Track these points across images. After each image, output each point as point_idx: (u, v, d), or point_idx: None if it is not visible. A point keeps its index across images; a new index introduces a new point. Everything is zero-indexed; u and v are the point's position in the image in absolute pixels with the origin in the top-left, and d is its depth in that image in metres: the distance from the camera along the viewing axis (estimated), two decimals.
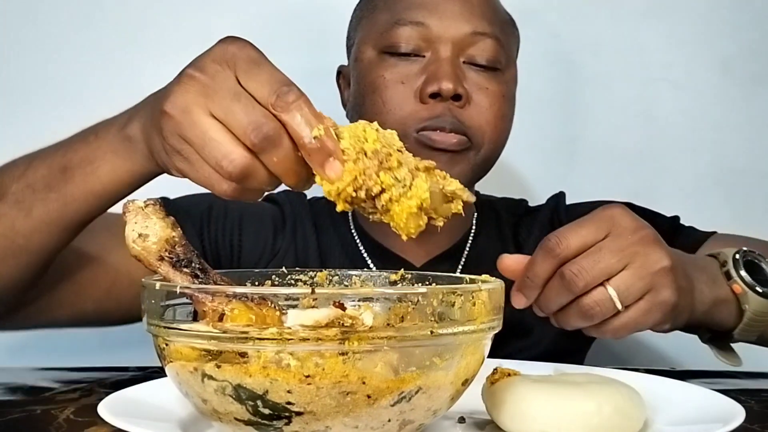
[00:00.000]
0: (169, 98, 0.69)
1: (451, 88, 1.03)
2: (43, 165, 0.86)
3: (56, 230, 0.86)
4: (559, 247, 0.76)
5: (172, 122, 0.68)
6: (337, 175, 0.63)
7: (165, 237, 0.64)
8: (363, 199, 0.64)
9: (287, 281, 0.77)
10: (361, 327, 0.56)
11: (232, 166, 0.64)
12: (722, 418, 0.65)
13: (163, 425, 0.65)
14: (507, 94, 1.09)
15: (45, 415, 0.76)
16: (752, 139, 1.54)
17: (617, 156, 1.55)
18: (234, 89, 0.66)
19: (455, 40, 1.05)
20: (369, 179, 0.63)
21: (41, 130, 1.45)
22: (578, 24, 1.54)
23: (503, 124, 1.09)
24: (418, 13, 1.06)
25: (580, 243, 0.77)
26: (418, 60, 1.06)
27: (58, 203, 0.85)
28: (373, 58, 1.08)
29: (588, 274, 0.76)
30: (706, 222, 1.19)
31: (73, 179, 0.84)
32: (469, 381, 0.64)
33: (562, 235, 0.77)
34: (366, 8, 1.13)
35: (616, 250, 0.76)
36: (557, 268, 0.77)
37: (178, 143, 0.68)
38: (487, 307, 0.62)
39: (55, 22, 1.47)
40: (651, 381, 0.77)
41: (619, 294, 0.76)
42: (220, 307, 0.59)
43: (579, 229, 0.77)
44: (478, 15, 1.07)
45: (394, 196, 0.64)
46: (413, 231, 0.65)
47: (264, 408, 0.58)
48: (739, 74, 1.54)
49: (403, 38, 1.06)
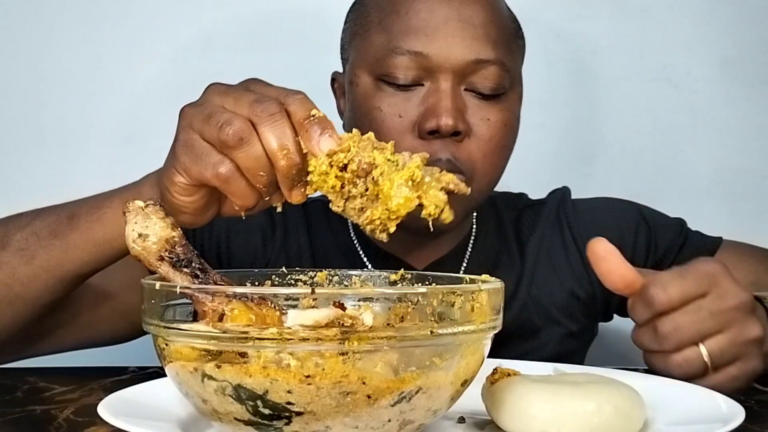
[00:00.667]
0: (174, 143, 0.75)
1: (451, 125, 0.97)
2: (52, 214, 0.89)
3: (53, 279, 0.88)
4: (660, 302, 0.77)
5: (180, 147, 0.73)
6: (332, 147, 0.66)
7: (165, 237, 0.65)
8: (353, 178, 0.65)
9: (287, 281, 0.76)
10: (361, 327, 0.56)
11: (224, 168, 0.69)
12: (722, 418, 0.65)
13: (163, 425, 0.65)
14: (509, 121, 1.03)
15: (45, 414, 0.76)
16: (752, 139, 1.55)
17: (617, 155, 1.55)
18: (220, 106, 0.72)
19: (456, 69, 0.99)
20: (363, 150, 0.65)
21: (41, 130, 1.47)
22: (578, 24, 1.54)
23: (501, 156, 1.04)
24: (417, 41, 0.99)
25: (681, 299, 0.77)
26: (417, 89, 1.00)
27: (60, 250, 0.86)
28: (369, 86, 1.02)
29: (683, 334, 0.77)
30: (706, 222, 1.20)
31: (78, 227, 0.86)
32: (469, 381, 0.64)
33: (665, 287, 0.77)
34: (359, 24, 1.06)
35: (716, 312, 0.77)
36: (654, 317, 0.78)
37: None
38: (487, 307, 0.62)
39: (54, 21, 1.47)
40: (651, 381, 0.77)
41: (711, 356, 0.77)
42: (220, 307, 0.59)
43: (682, 282, 0.77)
44: (481, 39, 1.00)
45: (385, 172, 0.65)
46: (401, 205, 0.65)
47: (264, 408, 0.58)
48: (739, 74, 1.54)
49: (400, 69, 0.99)
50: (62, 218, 0.87)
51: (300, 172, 0.68)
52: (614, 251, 0.80)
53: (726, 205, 1.54)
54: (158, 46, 1.48)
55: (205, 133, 0.71)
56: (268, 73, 1.47)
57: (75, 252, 0.86)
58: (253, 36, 1.50)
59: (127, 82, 1.47)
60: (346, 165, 0.66)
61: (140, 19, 1.48)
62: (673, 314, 0.77)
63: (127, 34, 1.48)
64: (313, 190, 0.68)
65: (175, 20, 1.49)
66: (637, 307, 0.80)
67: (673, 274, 0.79)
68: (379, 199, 0.65)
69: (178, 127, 0.75)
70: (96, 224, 0.85)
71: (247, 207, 0.72)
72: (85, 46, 1.47)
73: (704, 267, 0.79)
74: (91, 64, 1.47)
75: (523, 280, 1.13)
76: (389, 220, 0.66)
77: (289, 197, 0.70)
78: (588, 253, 0.81)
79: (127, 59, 1.48)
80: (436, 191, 0.66)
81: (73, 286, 0.90)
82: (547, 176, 1.42)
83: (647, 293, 0.78)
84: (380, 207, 0.65)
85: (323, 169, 0.66)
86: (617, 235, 1.13)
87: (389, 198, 0.65)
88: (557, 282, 1.14)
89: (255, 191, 0.71)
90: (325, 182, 0.66)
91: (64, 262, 0.86)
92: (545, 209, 1.18)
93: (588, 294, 1.14)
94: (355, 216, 0.67)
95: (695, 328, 0.77)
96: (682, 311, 0.77)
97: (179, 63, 1.47)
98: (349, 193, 0.66)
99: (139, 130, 1.46)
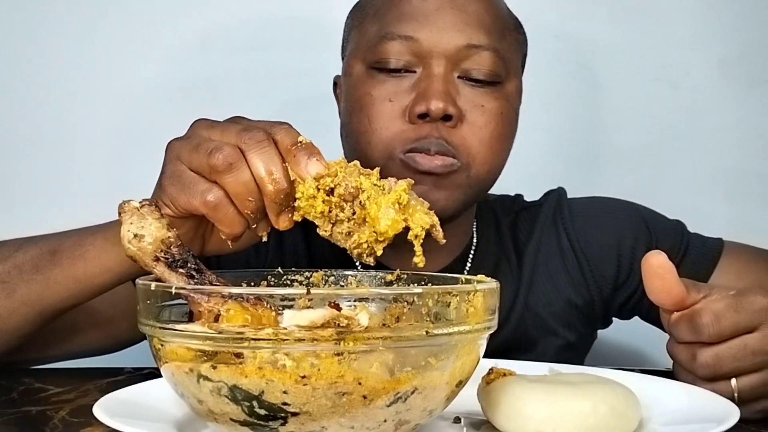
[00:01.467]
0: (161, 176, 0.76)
1: (441, 107, 0.96)
2: (35, 247, 0.88)
3: (32, 313, 0.88)
4: (710, 334, 0.75)
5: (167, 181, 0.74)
6: (319, 171, 0.67)
7: (161, 237, 0.65)
8: (340, 202, 0.66)
9: (283, 282, 0.77)
10: (356, 327, 0.56)
11: (212, 195, 0.71)
12: (717, 418, 0.65)
13: (159, 426, 0.65)
14: (505, 110, 1.01)
15: (40, 415, 0.76)
16: (751, 139, 1.55)
17: (615, 156, 1.55)
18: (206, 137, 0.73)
19: (448, 54, 0.98)
20: (349, 176, 0.66)
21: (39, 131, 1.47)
22: (577, 24, 1.54)
23: (499, 144, 1.01)
24: (408, 26, 0.98)
25: (730, 334, 0.75)
26: (409, 76, 0.99)
27: (41, 285, 0.86)
28: (362, 74, 1.01)
29: (721, 368, 0.75)
30: (705, 221, 1.19)
31: (60, 263, 0.86)
32: (464, 381, 0.64)
33: (718, 320, 0.75)
34: (357, 16, 1.07)
35: (759, 352, 0.75)
36: (696, 342, 0.76)
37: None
38: (482, 308, 0.62)
39: (52, 21, 1.47)
40: (646, 381, 0.77)
41: (740, 393, 0.75)
42: (215, 308, 0.59)
43: (736, 318, 0.75)
44: (474, 25, 0.99)
45: (372, 196, 0.66)
46: (389, 227, 0.66)
47: (260, 408, 0.58)
48: (738, 74, 1.54)
49: (392, 53, 0.98)
50: (45, 253, 0.87)
51: (287, 197, 0.69)
52: (671, 269, 0.77)
53: (725, 204, 1.54)
54: (157, 46, 1.48)
55: (194, 162, 0.72)
56: (268, 73, 1.49)
57: (56, 288, 0.86)
58: (253, 36, 1.50)
59: (126, 82, 1.47)
60: (332, 189, 0.67)
61: (139, 19, 1.48)
62: (717, 346, 0.75)
63: (126, 34, 1.48)
64: (300, 216, 0.69)
65: (174, 20, 1.49)
66: (681, 326, 0.77)
67: (728, 305, 0.76)
68: (366, 222, 0.67)
69: (165, 160, 0.76)
70: (78, 261, 0.85)
71: (235, 235, 0.72)
72: (84, 46, 1.47)
73: (760, 303, 0.76)
74: (89, 65, 1.47)
75: (520, 291, 1.11)
76: (376, 243, 0.67)
77: (276, 223, 0.70)
78: (643, 264, 0.77)
79: (126, 60, 1.48)
80: (422, 214, 0.67)
81: (53, 319, 0.90)
82: (545, 176, 1.42)
83: (699, 321, 0.75)
84: (367, 230, 0.66)
85: (311, 192, 0.67)
86: (615, 240, 1.13)
87: (377, 221, 0.66)
88: (554, 291, 1.12)
89: (242, 219, 0.71)
90: (312, 207, 0.68)
91: (45, 297, 0.87)
92: (541, 213, 1.16)
93: (586, 301, 1.13)
94: (342, 240, 0.68)
95: (734, 365, 0.75)
96: (726, 345, 0.75)
97: (178, 63, 1.47)
98: (336, 218, 0.68)
99: (138, 131, 1.46)
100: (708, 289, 0.78)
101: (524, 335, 1.11)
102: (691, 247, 1.13)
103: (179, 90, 1.45)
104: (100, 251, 0.84)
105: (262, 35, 1.50)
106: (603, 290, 1.13)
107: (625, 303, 1.14)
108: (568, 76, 1.55)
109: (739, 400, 0.74)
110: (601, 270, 1.13)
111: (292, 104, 1.48)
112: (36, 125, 1.47)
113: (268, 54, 1.50)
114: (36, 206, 1.45)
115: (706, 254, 1.12)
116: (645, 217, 1.16)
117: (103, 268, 0.84)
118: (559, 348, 1.12)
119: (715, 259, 1.11)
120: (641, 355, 1.47)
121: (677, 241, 1.13)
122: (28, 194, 1.47)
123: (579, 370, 0.82)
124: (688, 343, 0.77)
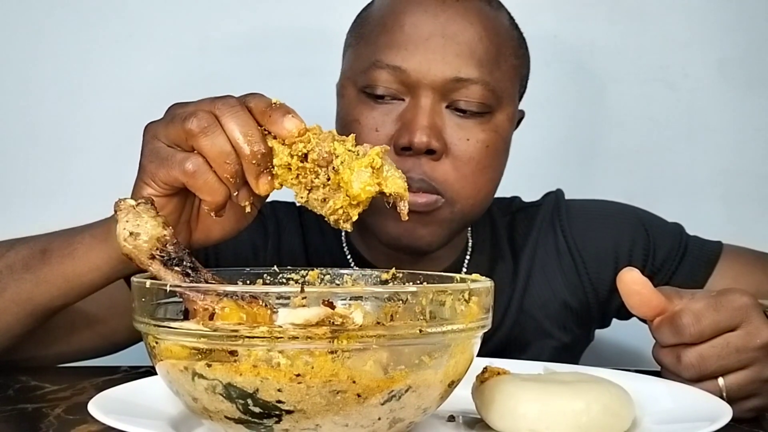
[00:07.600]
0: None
1: (424, 142, 0.94)
2: (26, 246, 0.89)
3: (22, 312, 0.88)
4: (692, 334, 0.75)
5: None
6: (297, 126, 0.68)
7: (156, 235, 0.65)
8: (314, 167, 0.67)
9: (278, 280, 0.77)
10: (351, 326, 0.56)
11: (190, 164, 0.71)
12: (709, 417, 0.65)
13: (154, 423, 0.65)
14: (492, 142, 0.99)
15: (36, 412, 0.76)
16: (749, 141, 1.55)
17: (614, 156, 1.55)
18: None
19: (436, 86, 0.96)
20: (323, 141, 0.68)
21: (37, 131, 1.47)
22: (576, 25, 1.54)
23: (483, 177, 1.00)
24: (397, 55, 0.97)
25: (712, 333, 0.76)
26: (397, 104, 0.98)
27: (31, 284, 0.87)
28: (353, 98, 1.01)
29: (706, 367, 0.76)
30: (703, 223, 1.20)
31: (50, 261, 0.86)
32: (458, 380, 0.64)
33: (698, 319, 0.75)
34: (354, 35, 1.06)
35: (742, 349, 0.75)
36: (680, 344, 0.77)
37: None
38: (476, 306, 0.63)
39: (52, 21, 1.47)
40: (640, 380, 0.77)
41: (728, 391, 0.76)
42: (210, 306, 0.60)
43: (715, 316, 0.75)
44: (464, 56, 0.97)
45: (346, 160, 0.67)
46: (362, 190, 0.66)
47: (254, 406, 0.59)
48: (736, 75, 1.54)
49: (380, 81, 0.97)
50: (35, 252, 0.87)
51: (264, 158, 0.69)
52: (645, 283, 0.77)
53: (723, 206, 1.53)
54: (157, 46, 1.48)
55: (171, 134, 0.73)
56: (267, 73, 1.49)
57: (45, 286, 0.86)
58: (253, 37, 1.50)
59: (125, 82, 1.47)
60: (306, 155, 0.68)
61: (138, 19, 1.48)
62: (699, 345, 0.76)
63: (126, 34, 1.48)
64: (279, 183, 0.70)
65: (174, 20, 1.49)
66: (664, 330, 0.78)
67: (707, 305, 0.76)
68: (340, 188, 0.67)
69: (143, 142, 0.77)
70: (67, 259, 0.85)
71: (217, 203, 0.73)
72: (83, 46, 1.47)
73: (738, 301, 0.77)
74: (88, 64, 1.47)
75: (516, 293, 1.11)
76: (351, 207, 0.68)
77: (255, 187, 0.71)
78: (618, 283, 0.78)
79: (126, 60, 1.48)
80: (396, 178, 0.67)
81: (45, 319, 0.90)
82: (544, 177, 1.42)
83: (679, 322, 0.76)
84: (342, 195, 0.67)
85: (285, 161, 0.68)
86: (613, 243, 1.12)
87: (350, 185, 0.66)
88: (550, 293, 1.12)
89: (223, 185, 0.72)
90: (288, 173, 0.68)
91: (35, 296, 0.87)
92: (539, 214, 1.16)
93: (581, 303, 1.13)
94: (318, 207, 0.69)
95: (719, 363, 0.75)
96: (709, 344, 0.76)
97: (177, 63, 1.47)
98: (312, 184, 0.68)
99: (137, 131, 1.45)
100: (690, 294, 0.79)
101: (519, 337, 1.11)
102: (689, 249, 1.13)
103: (179, 90, 1.44)
104: (88, 249, 0.84)
105: (262, 35, 1.51)
106: (599, 292, 1.13)
107: (623, 305, 1.14)
108: (566, 76, 1.55)
109: (729, 399, 0.74)
110: (599, 272, 1.13)
111: (291, 104, 1.47)
112: (34, 125, 1.47)
113: (267, 54, 1.50)
114: (34, 206, 1.45)
115: (704, 257, 1.12)
116: (643, 220, 1.15)
117: (91, 265, 0.84)
118: (554, 349, 1.12)
119: (714, 262, 1.11)
120: (638, 355, 1.47)
121: (676, 244, 1.13)
122: (25, 194, 1.47)
123: (573, 369, 0.82)
124: (672, 346, 0.78)
